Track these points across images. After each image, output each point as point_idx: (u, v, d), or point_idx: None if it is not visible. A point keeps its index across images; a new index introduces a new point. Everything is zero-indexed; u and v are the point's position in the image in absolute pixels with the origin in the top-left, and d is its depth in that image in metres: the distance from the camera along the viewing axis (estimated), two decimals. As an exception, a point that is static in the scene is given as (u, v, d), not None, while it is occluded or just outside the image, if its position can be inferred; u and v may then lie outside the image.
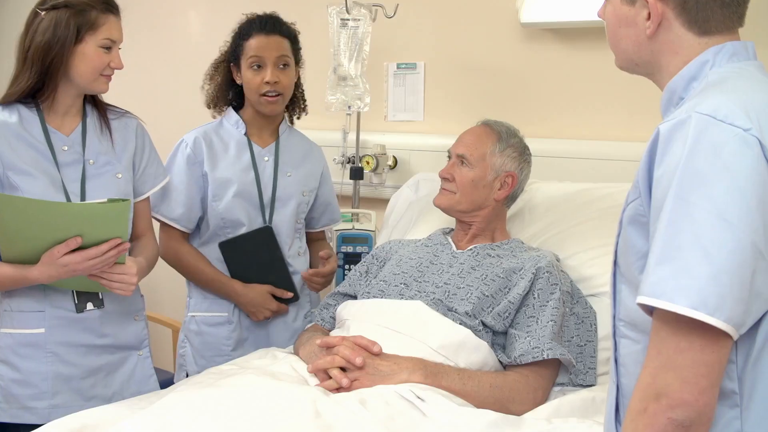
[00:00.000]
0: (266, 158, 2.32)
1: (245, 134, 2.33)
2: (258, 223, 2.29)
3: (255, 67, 2.23)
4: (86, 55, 1.86)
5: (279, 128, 2.37)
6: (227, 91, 2.34)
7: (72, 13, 1.83)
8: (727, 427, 1.07)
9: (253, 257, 2.28)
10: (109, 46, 1.88)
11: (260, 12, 2.34)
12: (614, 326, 1.24)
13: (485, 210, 2.10)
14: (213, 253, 2.30)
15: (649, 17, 1.20)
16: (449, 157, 2.15)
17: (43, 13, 1.84)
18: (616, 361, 1.24)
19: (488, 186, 2.09)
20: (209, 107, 2.36)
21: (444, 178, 2.12)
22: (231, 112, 2.35)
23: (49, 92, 1.88)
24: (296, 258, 2.35)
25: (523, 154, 2.14)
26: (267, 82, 2.22)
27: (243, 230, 2.28)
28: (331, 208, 2.50)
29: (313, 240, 2.49)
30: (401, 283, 2.00)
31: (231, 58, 2.29)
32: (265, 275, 2.29)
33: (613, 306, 1.25)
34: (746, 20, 1.22)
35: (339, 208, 2.54)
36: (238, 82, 2.30)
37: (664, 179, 1.05)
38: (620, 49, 1.27)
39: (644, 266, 1.06)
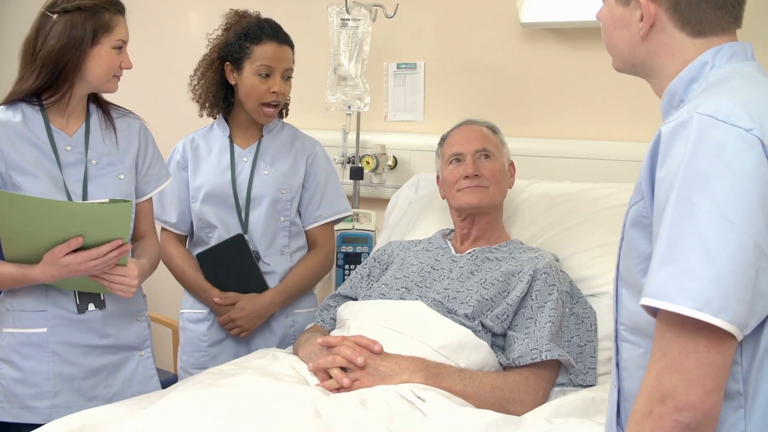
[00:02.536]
0: (245, 159, 2.32)
1: (229, 137, 2.33)
2: (232, 224, 2.29)
3: (263, 75, 2.21)
4: (101, 57, 1.87)
5: (264, 128, 2.36)
6: (221, 91, 2.30)
7: (87, 16, 1.84)
8: (732, 429, 1.07)
9: (228, 266, 2.29)
10: (121, 47, 1.90)
11: (252, 10, 2.33)
12: (616, 330, 1.24)
13: (501, 203, 2.17)
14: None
15: (642, 18, 1.20)
16: (458, 160, 2.14)
17: (54, 16, 1.84)
18: (617, 365, 1.23)
19: (506, 176, 2.17)
20: (203, 107, 2.33)
21: (473, 176, 2.09)
22: (220, 119, 2.35)
23: (63, 92, 1.89)
24: (278, 257, 2.32)
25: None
26: (274, 92, 2.22)
27: (216, 232, 2.30)
28: (316, 203, 2.37)
29: (309, 243, 2.42)
30: (403, 287, 2.00)
31: (229, 56, 2.26)
32: (241, 282, 2.29)
33: (615, 310, 1.25)
34: (745, 21, 1.23)
35: (336, 203, 2.40)
36: (232, 82, 2.27)
37: (667, 180, 1.05)
38: (616, 50, 1.27)
39: (647, 269, 1.06)
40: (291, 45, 2.28)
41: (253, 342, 2.33)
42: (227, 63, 2.27)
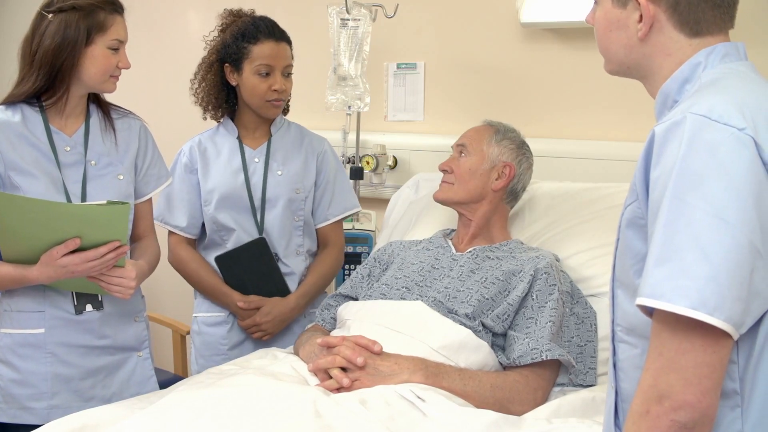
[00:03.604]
0: (257, 159, 2.31)
1: (237, 137, 2.32)
2: (248, 226, 2.29)
3: (263, 74, 2.21)
4: (96, 58, 1.86)
5: (271, 128, 2.36)
6: (222, 92, 2.30)
7: (81, 16, 1.83)
8: (729, 428, 1.07)
9: (249, 269, 2.28)
10: (117, 47, 1.89)
11: (251, 10, 2.33)
12: (612, 331, 1.24)
13: (484, 203, 2.11)
14: (213, 258, 2.32)
15: (640, 19, 1.20)
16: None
17: (50, 15, 1.83)
18: (614, 365, 1.24)
19: (485, 175, 2.10)
20: (205, 110, 2.33)
21: (444, 170, 2.16)
22: (227, 120, 2.35)
23: (61, 94, 1.88)
24: (294, 257, 2.33)
25: (520, 147, 2.17)
26: (275, 90, 2.22)
27: (234, 234, 2.28)
28: (327, 201, 2.38)
29: (320, 241, 2.43)
30: (403, 287, 2.00)
31: (228, 58, 2.25)
32: (262, 285, 2.29)
33: (611, 311, 1.25)
34: (739, 20, 1.23)
35: (347, 200, 2.42)
36: (233, 83, 2.27)
37: (661, 180, 1.05)
38: (611, 53, 1.27)
39: (642, 269, 1.06)
40: (288, 41, 2.27)
41: (275, 343, 2.31)
42: (227, 65, 2.26)
